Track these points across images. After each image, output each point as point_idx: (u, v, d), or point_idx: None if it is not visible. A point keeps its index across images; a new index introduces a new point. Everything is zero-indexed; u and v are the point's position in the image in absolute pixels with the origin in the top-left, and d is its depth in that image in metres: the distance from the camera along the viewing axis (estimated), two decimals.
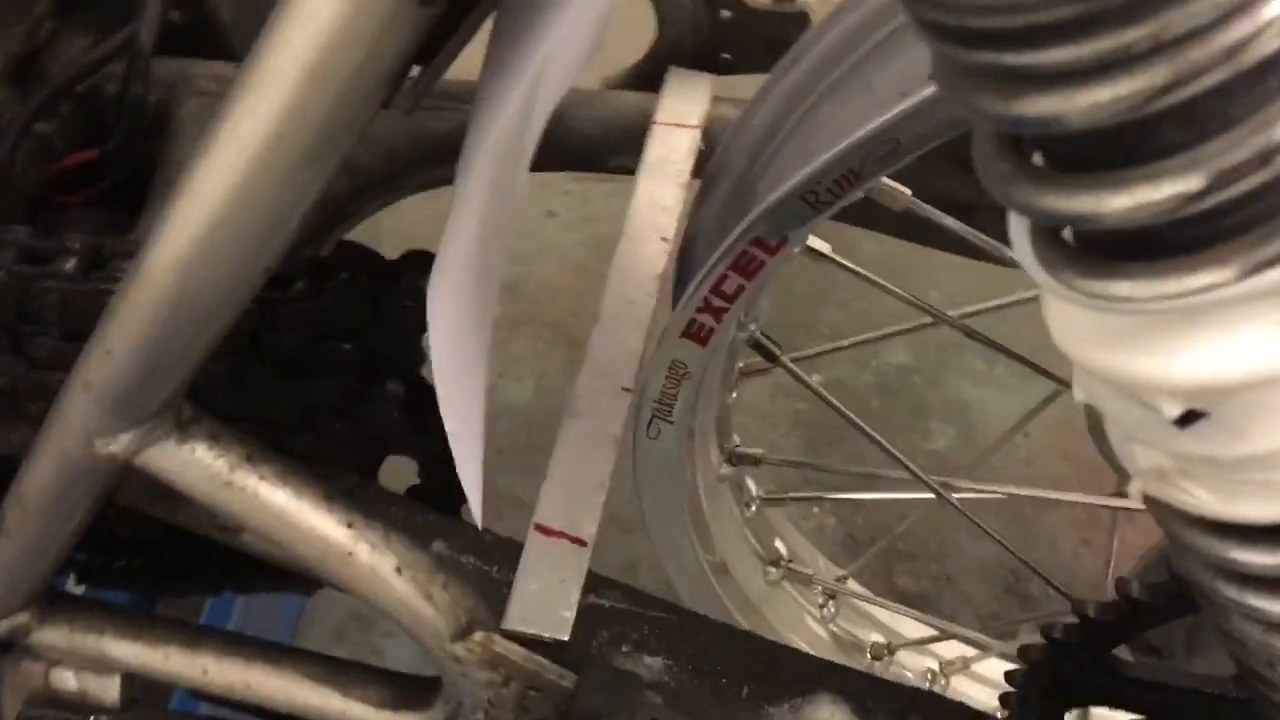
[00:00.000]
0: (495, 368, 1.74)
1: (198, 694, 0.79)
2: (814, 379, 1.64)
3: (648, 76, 1.01)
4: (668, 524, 0.90)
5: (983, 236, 0.79)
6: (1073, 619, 0.69)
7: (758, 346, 0.82)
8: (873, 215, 0.79)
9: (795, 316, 1.69)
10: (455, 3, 0.43)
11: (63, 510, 0.66)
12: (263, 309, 0.65)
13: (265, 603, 1.30)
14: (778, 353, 0.82)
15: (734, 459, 0.92)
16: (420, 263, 0.69)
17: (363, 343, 0.67)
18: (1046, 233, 0.35)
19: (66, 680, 0.81)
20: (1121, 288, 0.33)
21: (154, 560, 0.90)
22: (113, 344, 0.53)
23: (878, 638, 1.07)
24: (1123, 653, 0.72)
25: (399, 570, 0.62)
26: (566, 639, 0.68)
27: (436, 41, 0.45)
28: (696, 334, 0.74)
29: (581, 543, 0.72)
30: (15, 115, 0.83)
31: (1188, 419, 0.34)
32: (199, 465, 0.59)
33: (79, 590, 0.92)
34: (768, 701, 0.68)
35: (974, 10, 0.29)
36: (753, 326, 0.81)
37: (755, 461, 0.93)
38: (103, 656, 0.78)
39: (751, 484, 0.99)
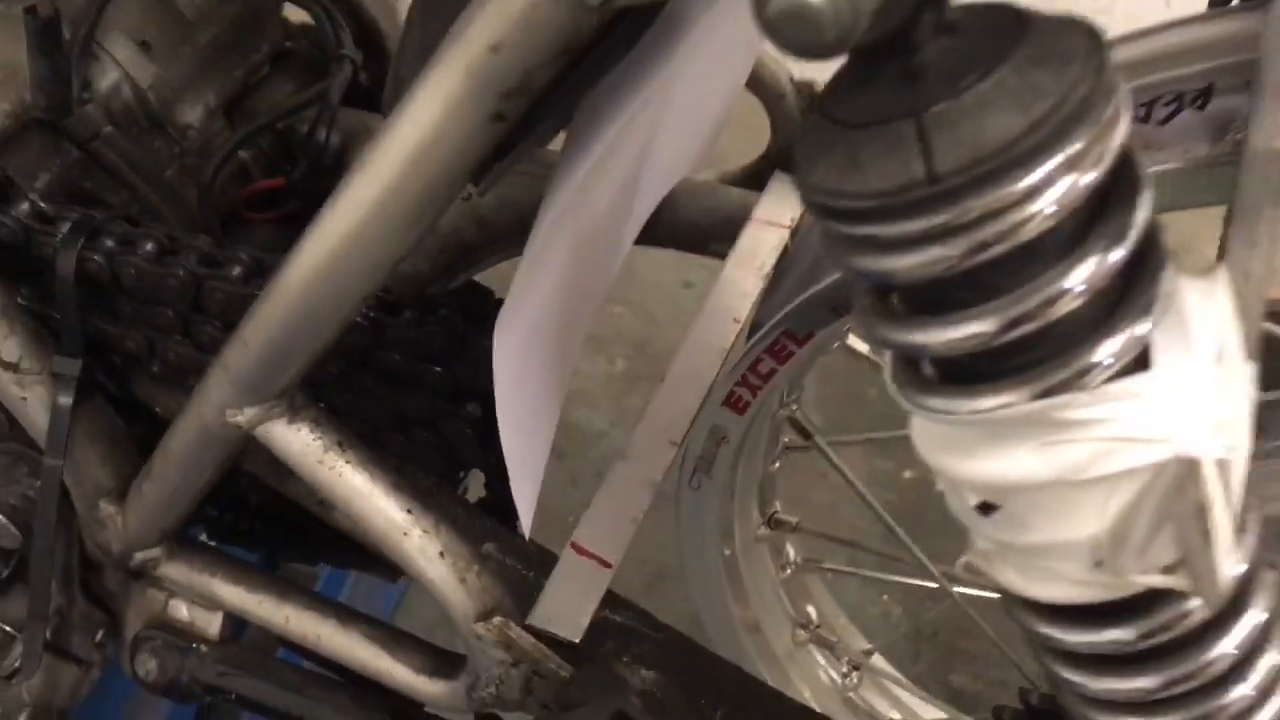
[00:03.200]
0: (611, 416, 1.88)
1: (283, 640, 0.95)
2: (905, 474, 1.71)
3: (758, 176, 1.14)
4: (704, 571, 1.01)
5: None
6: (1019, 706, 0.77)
7: (795, 425, 0.93)
8: None
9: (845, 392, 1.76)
10: (525, 118, 0.56)
11: (196, 466, 0.82)
12: (375, 329, 0.80)
13: (369, 590, 1.46)
14: (813, 432, 0.93)
15: (772, 523, 1.03)
16: None
17: (450, 369, 0.81)
18: (902, 362, 0.46)
19: (180, 611, 0.98)
20: (938, 403, 0.44)
21: (268, 527, 1.06)
22: (248, 336, 0.69)
23: (895, 716, 1.15)
24: None
25: (442, 554, 0.75)
26: (578, 641, 0.80)
27: (513, 141, 0.59)
28: (735, 403, 0.86)
29: (608, 565, 0.84)
30: (224, 142, 1.02)
31: (986, 509, 0.45)
32: (301, 443, 0.74)
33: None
34: None
35: (832, 196, 0.41)
36: (794, 406, 0.93)
37: (791, 528, 1.03)
38: (211, 595, 0.94)
39: (791, 549, 1.09)
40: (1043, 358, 0.41)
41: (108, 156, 0.95)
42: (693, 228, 1.10)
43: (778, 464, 1.01)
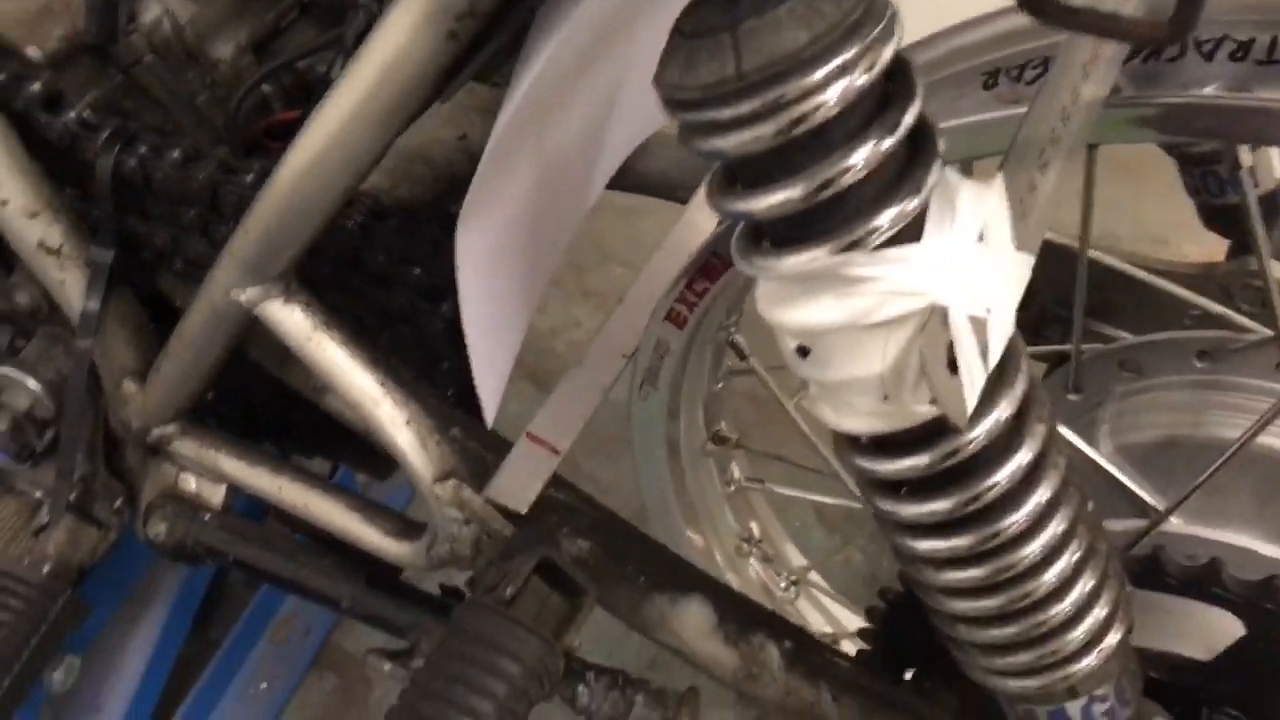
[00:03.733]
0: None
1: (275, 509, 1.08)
2: None
3: None
4: (652, 474, 1.14)
5: None
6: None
7: (735, 347, 1.05)
8: None
9: None
10: (477, 38, 0.69)
11: (206, 345, 0.96)
12: (364, 232, 0.93)
13: None
14: (747, 354, 1.05)
15: (715, 439, 1.16)
16: None
17: (428, 270, 0.94)
18: (744, 236, 0.58)
19: (189, 483, 1.11)
20: (766, 262, 0.56)
21: (272, 422, 1.19)
22: (250, 224, 0.82)
23: (826, 629, 1.27)
24: None
25: (408, 422, 0.89)
26: (524, 512, 0.93)
27: (468, 57, 0.71)
28: (675, 319, 0.99)
29: (556, 452, 0.97)
30: (250, 76, 1.15)
31: (803, 352, 0.57)
32: (293, 321, 0.88)
33: None
34: (656, 590, 0.92)
35: (676, 90, 0.53)
36: (732, 329, 1.05)
37: (734, 444, 1.16)
38: (217, 468, 1.08)
39: (737, 467, 1.21)
40: (836, 224, 0.53)
41: (147, 81, 1.09)
42: (663, 176, 1.22)
43: (721, 385, 1.13)
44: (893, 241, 0.53)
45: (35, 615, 1.08)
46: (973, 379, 0.54)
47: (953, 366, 0.53)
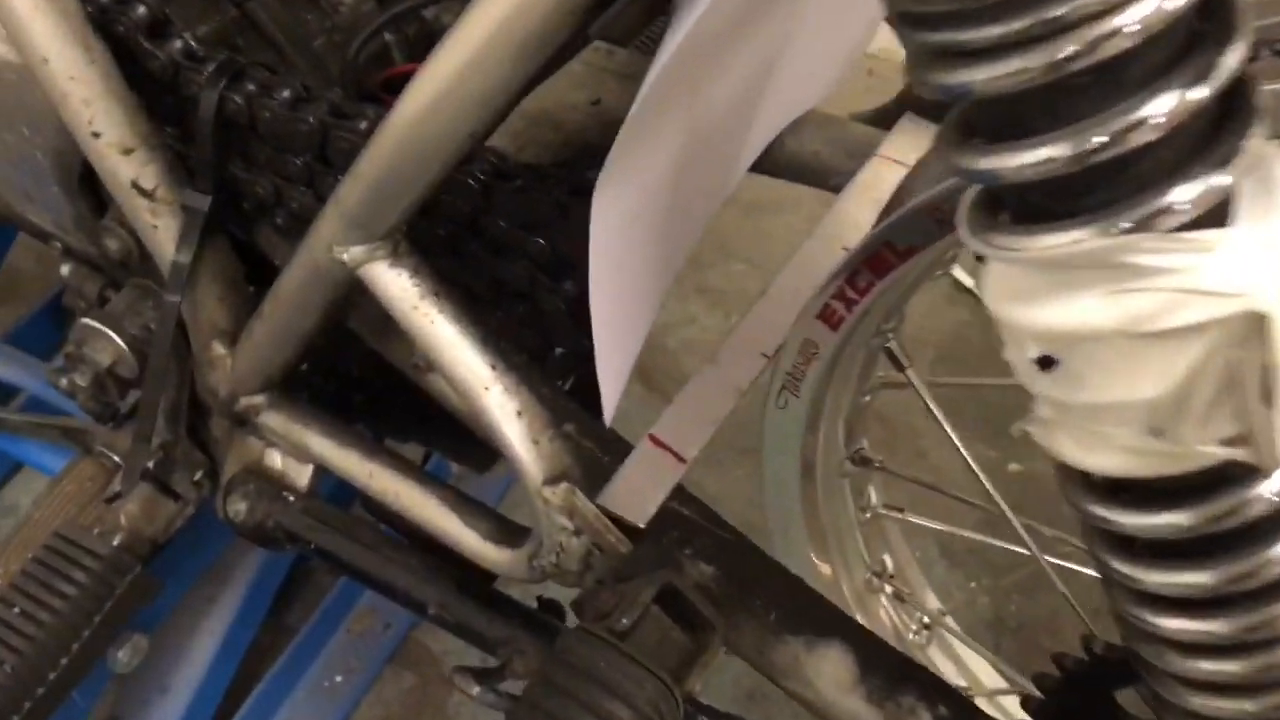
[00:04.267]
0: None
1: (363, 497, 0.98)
2: (1010, 467, 1.66)
3: (889, 118, 1.13)
4: (780, 497, 1.01)
5: None
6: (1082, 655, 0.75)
7: (889, 355, 0.92)
8: None
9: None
10: None
11: (303, 307, 0.86)
12: (484, 192, 0.82)
13: None
14: (906, 364, 0.91)
15: (856, 459, 1.02)
16: None
17: (552, 241, 0.82)
18: (979, 206, 0.46)
19: (274, 460, 1.02)
20: (1010, 242, 0.43)
21: (368, 399, 1.10)
22: (361, 170, 0.71)
23: (960, 681, 1.13)
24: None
25: (519, 414, 0.77)
26: (642, 526, 0.81)
27: None
28: (828, 317, 0.86)
29: (682, 460, 0.85)
30: (371, 22, 1.05)
31: (1046, 363, 0.44)
32: (400, 286, 0.77)
33: None
34: (789, 631, 0.79)
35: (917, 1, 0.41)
36: (890, 335, 0.92)
37: (876, 467, 1.02)
38: (304, 447, 0.98)
39: (874, 492, 1.08)
40: (1116, 197, 0.40)
41: (262, 19, 0.99)
42: (814, 158, 1.09)
43: (869, 398, 1.00)
44: (1192, 226, 0.40)
45: (101, 589, 1.00)
46: None
47: (1267, 395, 0.39)
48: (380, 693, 1.51)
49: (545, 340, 0.89)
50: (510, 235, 0.83)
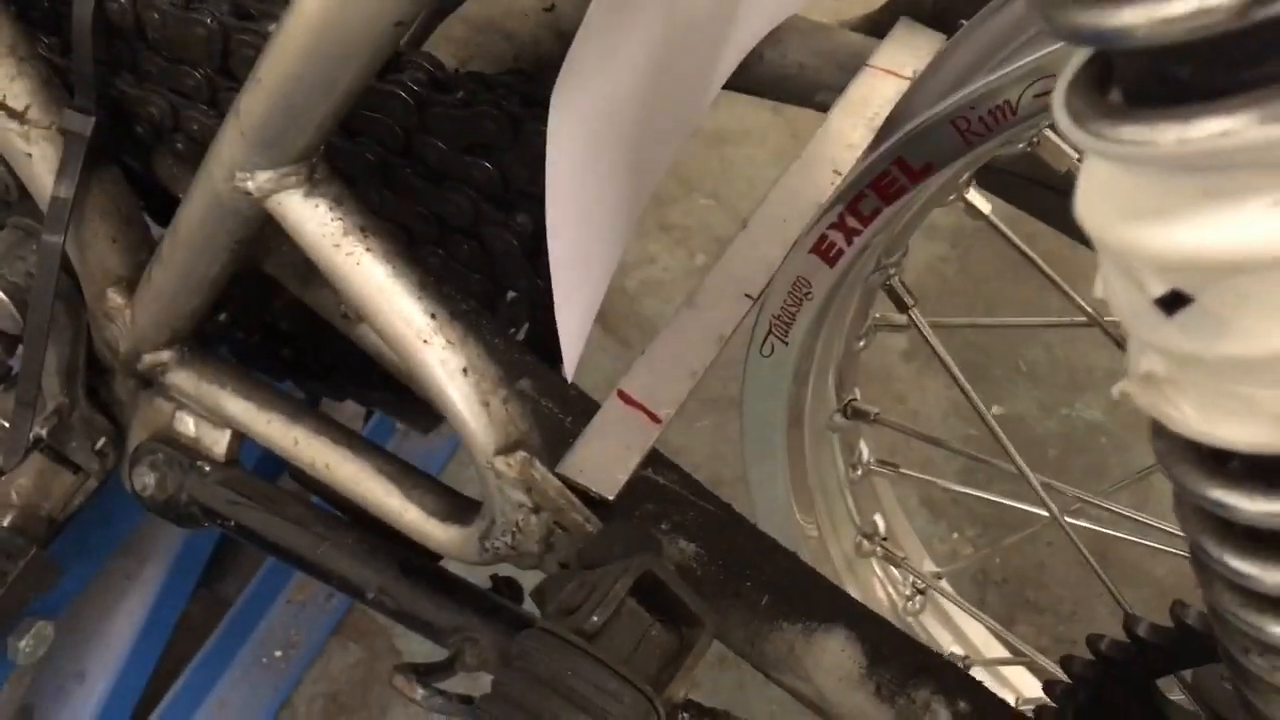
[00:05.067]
0: None
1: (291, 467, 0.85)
2: (993, 410, 1.57)
3: (881, 27, 1.00)
4: (763, 454, 0.90)
5: None
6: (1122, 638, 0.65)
7: (891, 293, 0.80)
8: (1044, 203, 0.77)
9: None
10: None
11: (207, 248, 0.72)
12: (420, 107, 0.69)
13: None
14: (910, 303, 0.80)
15: (849, 410, 0.91)
16: None
17: (501, 165, 0.70)
18: (1083, 83, 0.34)
19: (187, 425, 0.89)
20: (1136, 132, 0.31)
21: (295, 353, 0.97)
22: (262, 75, 0.58)
23: (956, 649, 1.03)
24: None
25: (465, 371, 0.65)
26: (611, 499, 0.69)
27: None
28: (825, 251, 0.74)
29: (656, 419, 0.73)
30: None
31: (1174, 303, 0.32)
32: (317, 221, 0.64)
33: None
34: (784, 617, 0.68)
35: None
36: (893, 271, 0.80)
37: (872, 419, 0.91)
38: (219, 410, 0.85)
39: (865, 448, 0.97)
40: None
41: None
42: (798, 72, 0.97)
43: (863, 343, 0.88)
44: None
45: None
46: None
47: None
48: (324, 667, 1.40)
49: (494, 284, 0.77)
50: (451, 159, 0.70)
